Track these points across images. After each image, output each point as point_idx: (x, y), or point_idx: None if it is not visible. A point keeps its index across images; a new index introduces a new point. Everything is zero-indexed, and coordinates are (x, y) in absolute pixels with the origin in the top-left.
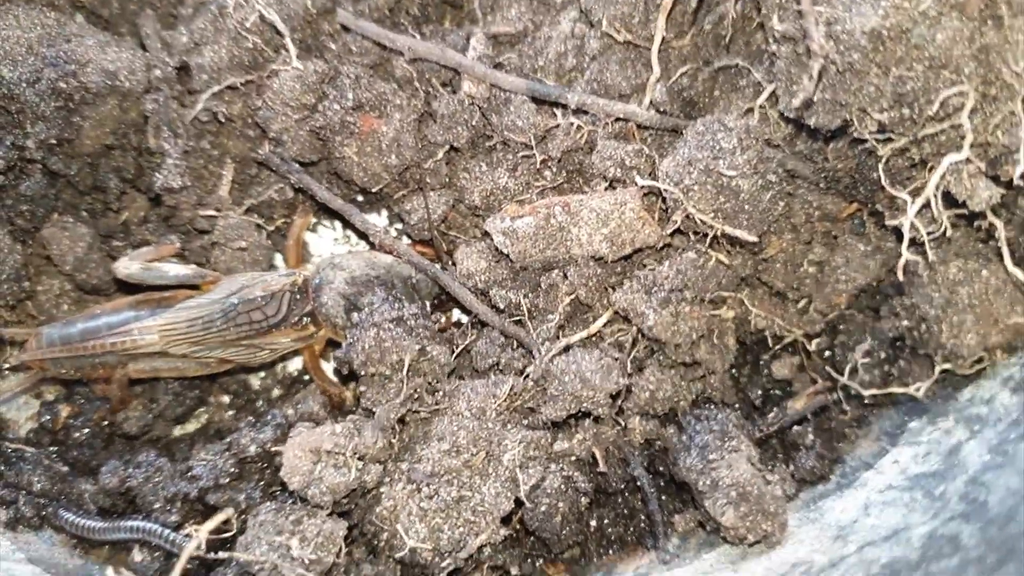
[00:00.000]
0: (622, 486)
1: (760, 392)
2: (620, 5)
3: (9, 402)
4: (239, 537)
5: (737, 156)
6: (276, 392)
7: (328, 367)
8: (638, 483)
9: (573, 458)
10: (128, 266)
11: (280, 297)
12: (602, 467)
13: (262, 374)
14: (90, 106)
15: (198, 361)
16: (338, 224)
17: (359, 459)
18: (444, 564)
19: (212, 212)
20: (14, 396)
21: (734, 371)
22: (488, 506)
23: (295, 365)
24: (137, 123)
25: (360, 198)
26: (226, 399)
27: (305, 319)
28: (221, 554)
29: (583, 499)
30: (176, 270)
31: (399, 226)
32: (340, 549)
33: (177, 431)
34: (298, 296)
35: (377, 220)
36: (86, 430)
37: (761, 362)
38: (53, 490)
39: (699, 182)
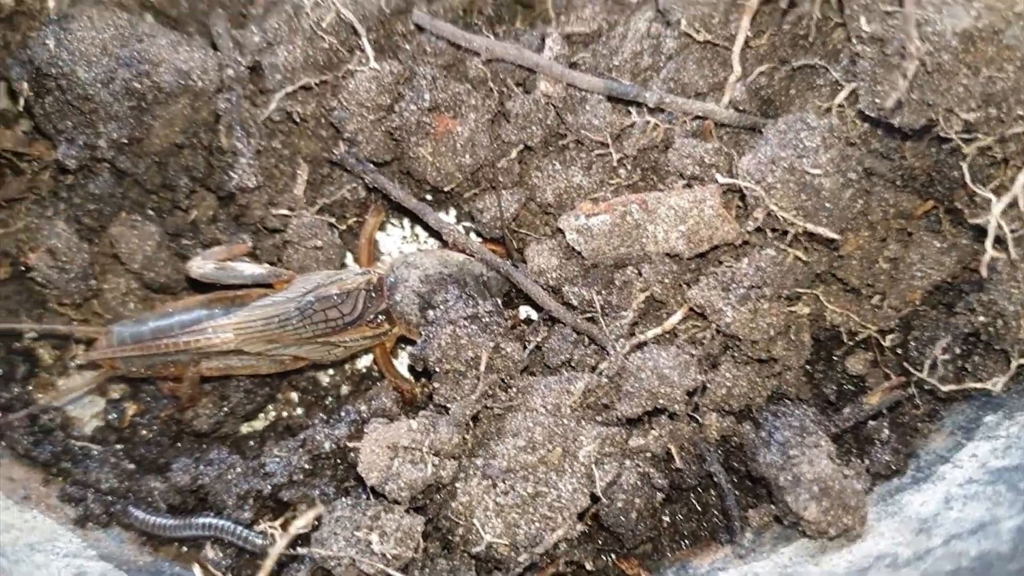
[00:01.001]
0: (695, 482)
1: (834, 387)
2: (701, 6)
3: (76, 401)
4: (313, 533)
5: (820, 154)
6: (345, 389)
7: (397, 363)
8: (713, 479)
9: (648, 454)
10: (202, 266)
11: (356, 295)
12: (678, 463)
13: (331, 371)
14: (162, 105)
15: (272, 359)
16: (406, 222)
17: (435, 455)
18: (520, 559)
19: (285, 211)
20: (84, 394)
21: (808, 367)
22: (564, 502)
23: (363, 362)
24: (208, 122)
25: (428, 197)
26: (295, 396)
27: (380, 317)
28: (300, 550)
29: (658, 495)
30: (251, 269)
31: (467, 224)
32: (418, 544)
33: (245, 428)
34: (373, 294)
35: (444, 218)
36: (153, 428)
37: (835, 358)
38: (121, 488)
39: (782, 180)
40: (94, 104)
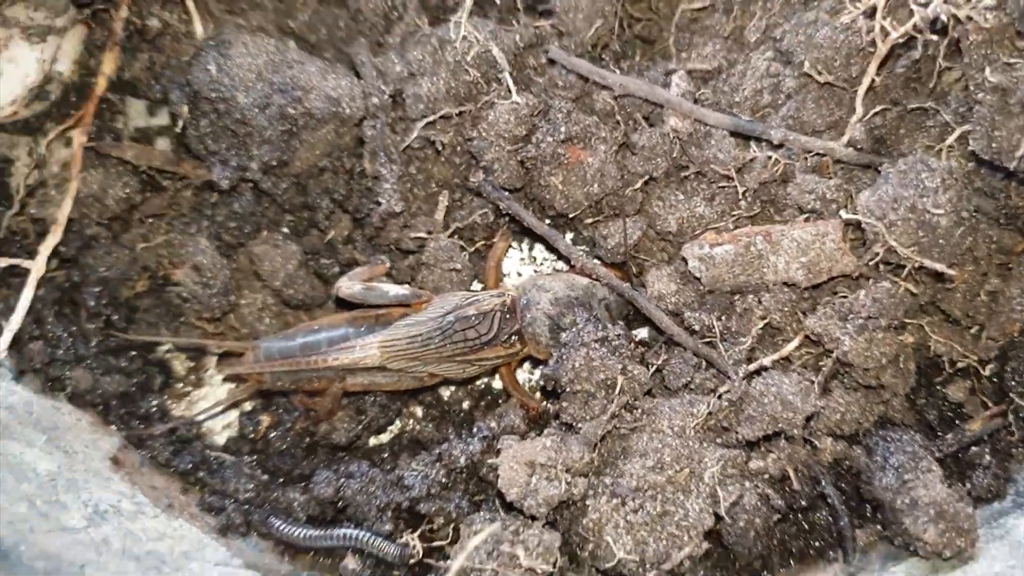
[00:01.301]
0: (805, 503)
1: (936, 414)
2: (824, 49)
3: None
4: (453, 546)
5: (940, 195)
6: (466, 404)
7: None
8: (826, 500)
9: (767, 476)
10: (351, 286)
11: (492, 316)
12: (796, 485)
13: (451, 387)
14: (310, 131)
15: (412, 376)
16: (524, 244)
17: (567, 472)
18: (648, 575)
19: (423, 234)
20: (231, 406)
21: (911, 394)
22: (692, 521)
23: (482, 379)
24: (349, 147)
25: (547, 221)
26: (419, 411)
27: (513, 337)
28: (452, 563)
29: (774, 515)
30: (396, 290)
31: (584, 248)
32: (556, 559)
33: (373, 441)
34: (507, 315)
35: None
36: (286, 439)
37: (935, 385)
38: (258, 498)
39: (903, 218)
40: (250, 128)
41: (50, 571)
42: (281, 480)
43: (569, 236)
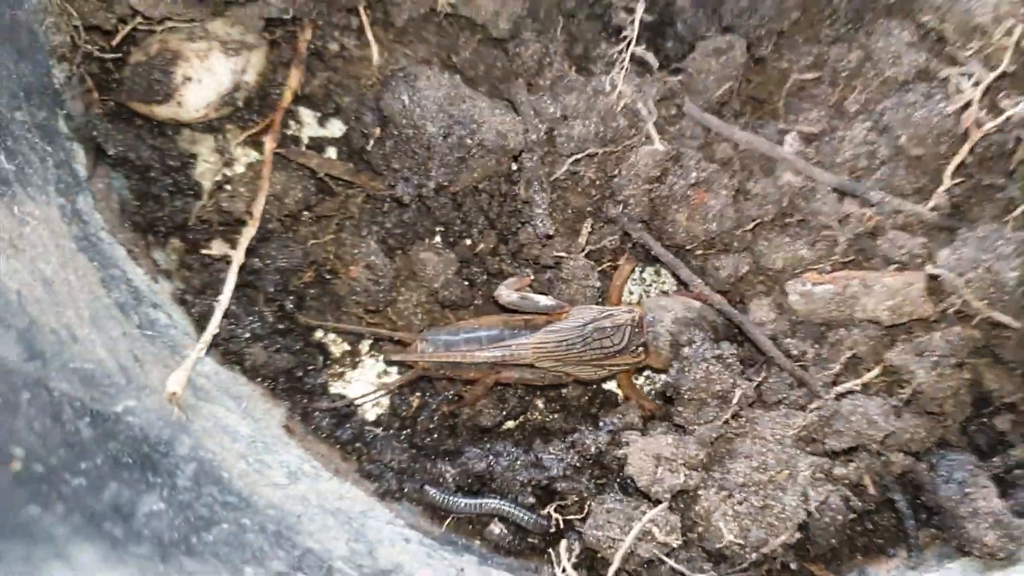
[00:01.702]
0: (872, 507)
1: (984, 439)
2: (920, 128)
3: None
4: (587, 520)
5: (1013, 259)
6: (583, 400)
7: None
8: (894, 504)
9: (847, 481)
10: (508, 295)
11: (624, 329)
12: (871, 491)
13: (571, 386)
14: (478, 158)
15: (554, 374)
16: (640, 270)
17: (684, 465)
18: (750, 557)
19: (563, 254)
20: (402, 387)
21: (964, 421)
22: (788, 514)
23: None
24: (505, 173)
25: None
26: (540, 404)
27: (640, 348)
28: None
29: (851, 515)
30: (545, 301)
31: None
32: (679, 537)
33: (506, 425)
34: (636, 329)
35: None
36: (434, 420)
37: (984, 415)
38: (410, 468)
39: (979, 276)
40: (432, 153)
41: (278, 519)
42: (429, 454)
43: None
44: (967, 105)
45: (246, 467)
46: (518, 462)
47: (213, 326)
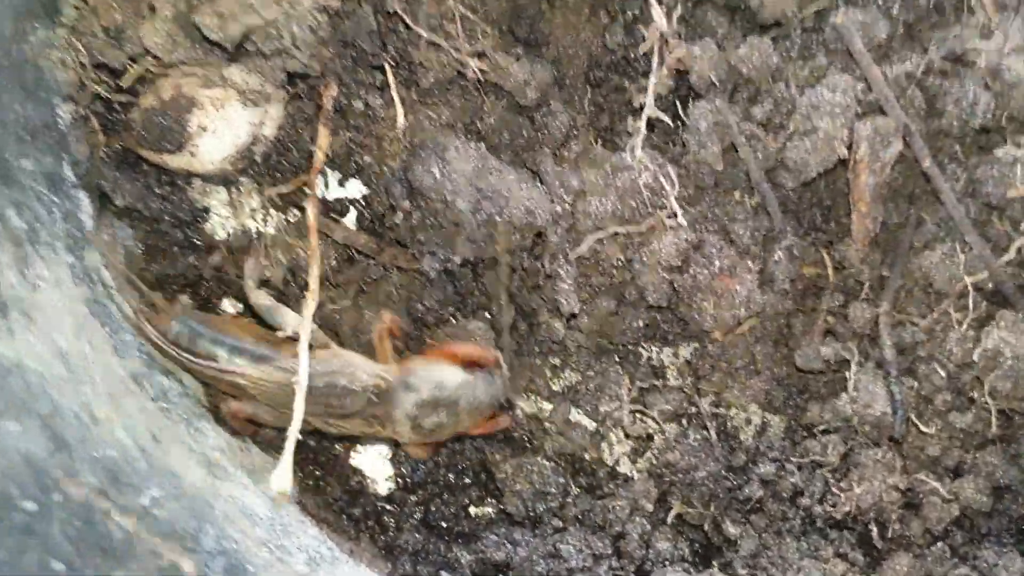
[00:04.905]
0: None
1: None
2: None
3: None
4: None
5: None
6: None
7: None
8: None
9: None
10: (257, 296)
11: (360, 395)
12: None
13: None
14: (503, 234)
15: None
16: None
17: None
18: None
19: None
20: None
21: None
22: None
23: None
24: (528, 248)
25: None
26: None
27: (374, 420)
28: None
29: None
30: (293, 323)
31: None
32: None
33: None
34: (375, 399)
35: None
36: (444, 496)
37: None
38: (424, 550)
39: None
40: (461, 228)
41: None
42: (443, 535)
43: (695, 346)
44: None
45: (269, 556)
46: (536, 553)
47: (300, 408)
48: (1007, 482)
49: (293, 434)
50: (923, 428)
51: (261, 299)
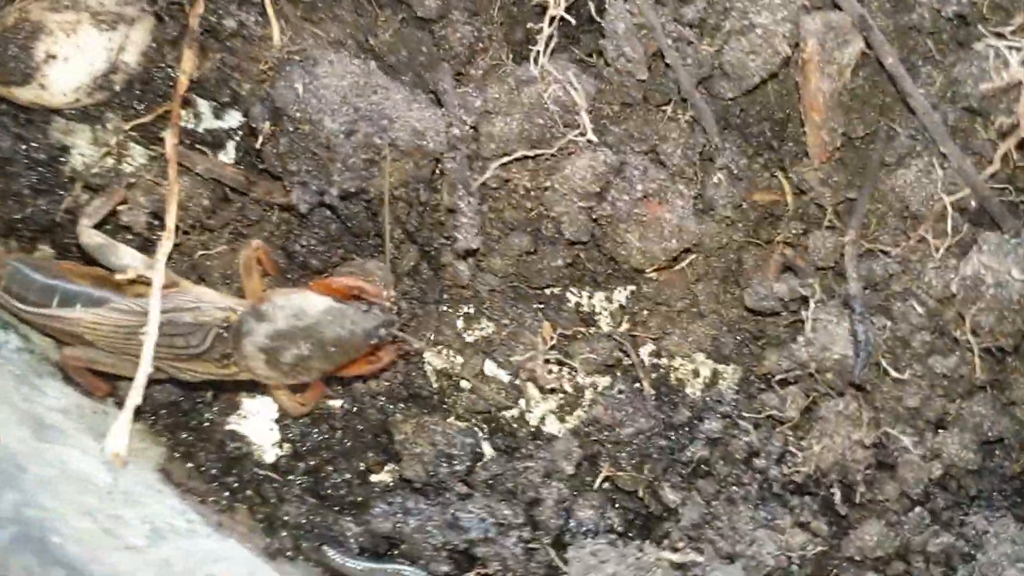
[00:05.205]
0: None
1: None
2: None
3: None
4: None
5: None
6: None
7: None
8: None
9: None
10: (90, 236)
11: (207, 331)
12: None
13: None
14: (391, 161)
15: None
16: None
17: None
18: None
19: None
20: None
21: None
22: None
23: None
24: (425, 179)
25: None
26: None
27: (223, 358)
28: None
29: None
30: (131, 259)
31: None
32: None
33: None
34: (223, 334)
35: None
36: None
37: None
38: (309, 523)
39: None
40: (333, 154)
41: None
42: (333, 506)
43: (631, 288)
44: None
45: (91, 526)
46: (431, 522)
47: (146, 364)
48: (997, 434)
49: (136, 389)
50: (898, 375)
51: (93, 238)
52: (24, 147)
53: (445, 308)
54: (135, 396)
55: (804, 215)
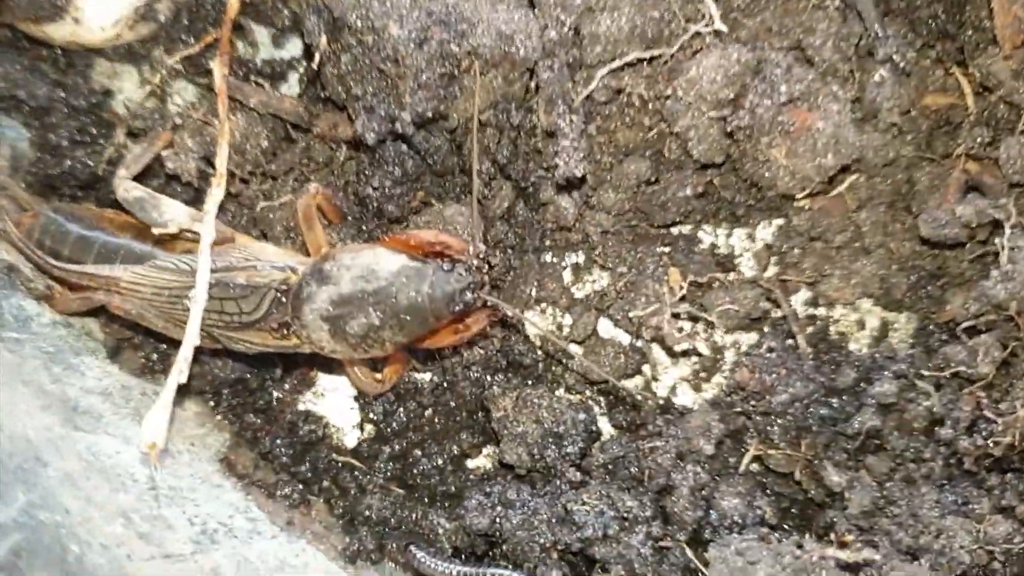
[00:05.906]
0: None
1: None
2: None
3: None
4: None
5: None
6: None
7: None
8: None
9: None
10: (128, 188)
11: (263, 293)
12: None
13: None
14: (475, 76)
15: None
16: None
17: None
18: None
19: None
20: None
21: None
22: None
23: None
24: (518, 96)
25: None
26: None
27: (284, 329)
28: None
29: None
30: (177, 212)
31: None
32: None
33: None
34: (281, 299)
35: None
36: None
37: None
38: (392, 519)
39: None
40: (403, 68)
41: None
42: (423, 496)
43: (778, 222)
44: None
45: (123, 530)
46: (537, 516)
47: (192, 335)
48: None
49: (180, 363)
50: None
51: (131, 191)
52: (63, 94)
53: (548, 257)
54: (178, 373)
55: (991, 119)
